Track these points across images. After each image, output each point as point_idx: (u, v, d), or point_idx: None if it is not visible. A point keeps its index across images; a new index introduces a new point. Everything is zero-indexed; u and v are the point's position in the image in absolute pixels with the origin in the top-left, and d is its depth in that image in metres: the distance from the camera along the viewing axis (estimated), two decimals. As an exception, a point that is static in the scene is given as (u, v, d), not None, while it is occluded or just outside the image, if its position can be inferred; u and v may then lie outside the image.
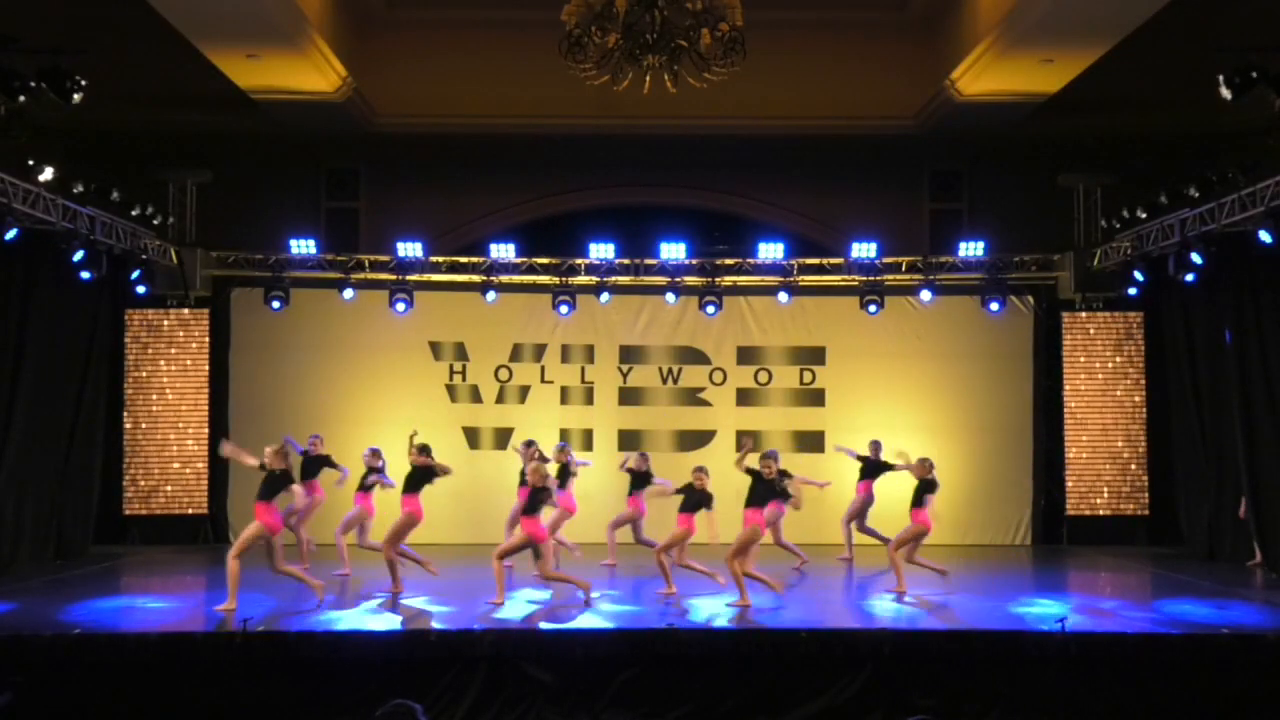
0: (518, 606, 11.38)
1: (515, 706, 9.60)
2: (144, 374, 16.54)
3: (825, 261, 16.60)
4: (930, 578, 12.33)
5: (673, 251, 16.09)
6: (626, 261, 16.40)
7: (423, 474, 12.23)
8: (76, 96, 11.60)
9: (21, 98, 11.33)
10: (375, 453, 12.93)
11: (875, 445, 14.68)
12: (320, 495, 13.54)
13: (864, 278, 16.41)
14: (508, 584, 11.84)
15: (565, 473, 13.71)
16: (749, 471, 11.76)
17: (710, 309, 16.39)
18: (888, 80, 16.48)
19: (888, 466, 13.93)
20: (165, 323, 16.60)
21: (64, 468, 14.90)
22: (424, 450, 12.33)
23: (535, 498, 11.47)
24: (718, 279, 16.49)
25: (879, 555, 13.53)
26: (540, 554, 11.44)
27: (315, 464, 13.50)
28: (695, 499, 11.66)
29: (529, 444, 14.16)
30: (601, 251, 16.14)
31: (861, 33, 16.44)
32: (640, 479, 13.60)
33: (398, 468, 12.63)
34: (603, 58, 9.87)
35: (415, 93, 16.49)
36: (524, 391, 16.90)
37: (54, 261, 13.76)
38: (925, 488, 12.11)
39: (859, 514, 14.75)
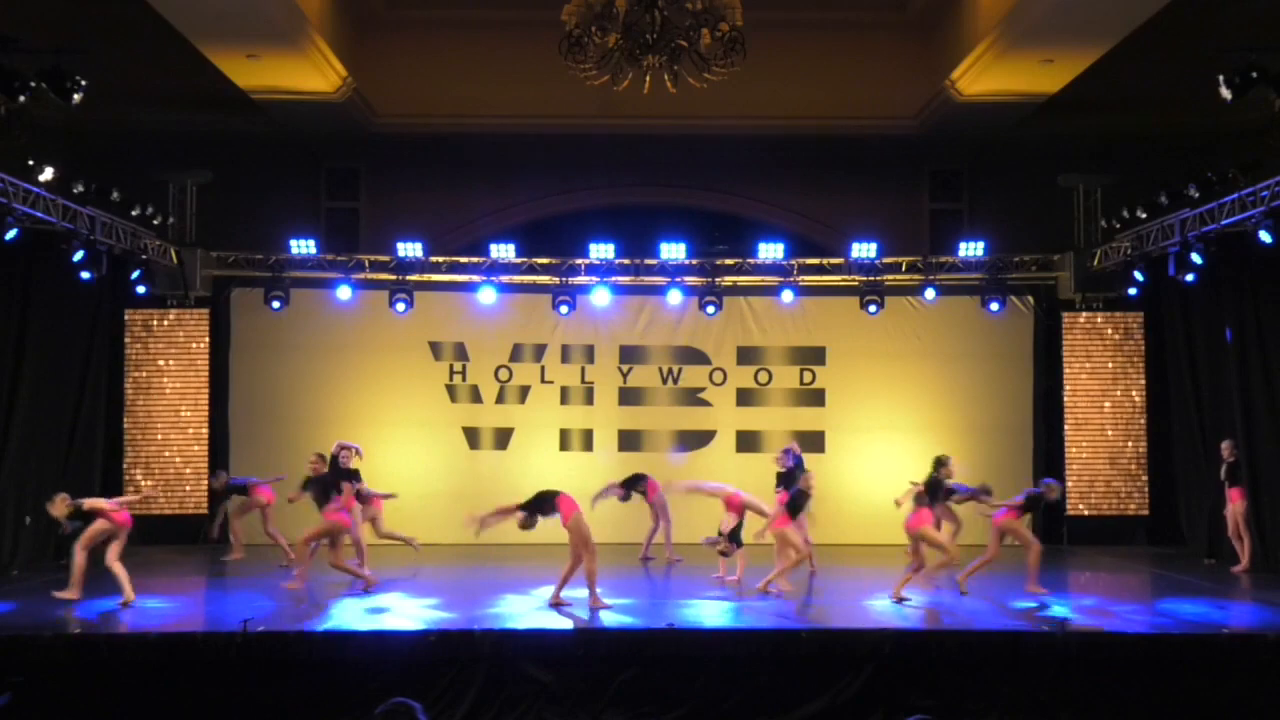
0: (518, 606, 11.38)
1: (515, 706, 9.60)
2: (144, 374, 16.53)
3: (825, 261, 16.59)
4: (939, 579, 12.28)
5: (673, 251, 16.08)
6: (626, 261, 16.39)
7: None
8: (76, 96, 11.58)
9: (21, 98, 11.30)
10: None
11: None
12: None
13: (864, 278, 16.41)
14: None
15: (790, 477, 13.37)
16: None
17: (710, 309, 16.38)
18: (888, 80, 16.49)
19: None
20: (165, 323, 16.59)
21: (64, 468, 14.88)
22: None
23: (796, 501, 12.15)
24: (718, 279, 16.49)
25: (878, 555, 13.52)
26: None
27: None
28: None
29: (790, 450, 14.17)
30: (601, 251, 16.13)
31: (861, 33, 16.47)
32: (788, 476, 13.37)
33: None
34: (603, 58, 9.86)
35: (415, 93, 16.49)
36: (524, 391, 16.90)
37: (54, 261, 13.76)
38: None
39: None
